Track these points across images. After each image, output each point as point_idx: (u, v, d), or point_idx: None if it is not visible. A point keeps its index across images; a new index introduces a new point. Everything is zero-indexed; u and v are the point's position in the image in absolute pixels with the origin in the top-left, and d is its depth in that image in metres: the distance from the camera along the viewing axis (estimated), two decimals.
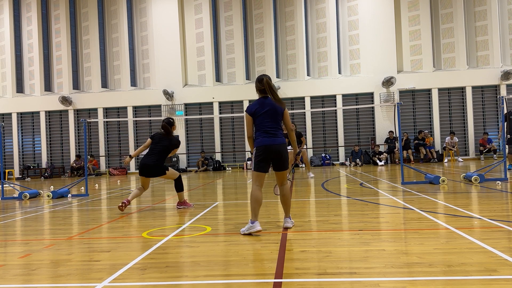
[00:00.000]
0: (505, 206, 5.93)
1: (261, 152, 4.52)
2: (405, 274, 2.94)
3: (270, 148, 4.51)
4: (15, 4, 22.85)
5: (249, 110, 4.64)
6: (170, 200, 8.33)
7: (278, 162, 4.59)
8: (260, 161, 4.53)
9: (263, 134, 4.54)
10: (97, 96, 21.88)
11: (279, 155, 4.55)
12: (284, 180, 4.69)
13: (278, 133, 4.57)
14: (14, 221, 6.47)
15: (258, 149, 4.54)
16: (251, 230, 4.43)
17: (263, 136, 4.54)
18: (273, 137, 4.53)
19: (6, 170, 20.58)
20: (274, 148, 4.52)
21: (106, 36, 22.70)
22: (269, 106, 4.58)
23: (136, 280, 3.09)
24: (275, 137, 4.54)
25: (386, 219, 5.25)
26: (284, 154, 4.57)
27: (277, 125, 4.60)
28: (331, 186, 9.79)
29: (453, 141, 18.69)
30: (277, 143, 4.54)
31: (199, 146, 21.36)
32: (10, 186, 12.41)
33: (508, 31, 20.21)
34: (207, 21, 21.38)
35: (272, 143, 4.52)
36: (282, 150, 4.56)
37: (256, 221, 4.45)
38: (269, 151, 4.52)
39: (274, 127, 4.56)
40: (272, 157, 4.54)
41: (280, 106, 4.61)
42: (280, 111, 4.61)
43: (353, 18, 20.83)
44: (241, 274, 3.12)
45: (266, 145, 4.50)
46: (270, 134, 4.54)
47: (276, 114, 4.58)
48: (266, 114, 4.55)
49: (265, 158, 4.53)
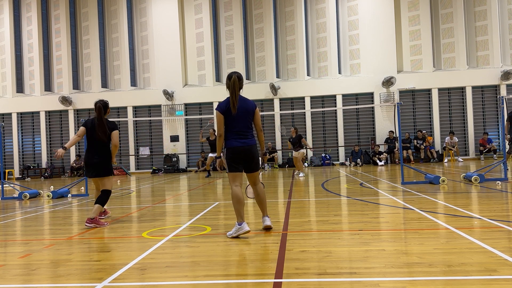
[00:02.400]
0: (505, 206, 5.93)
1: (231, 154, 4.49)
2: (405, 274, 2.94)
3: (241, 150, 4.47)
4: (15, 4, 22.84)
5: (220, 108, 4.50)
6: (170, 200, 8.32)
7: (250, 164, 4.56)
8: (232, 162, 4.50)
9: (234, 136, 4.49)
10: (97, 96, 21.82)
11: (250, 156, 4.52)
12: (256, 180, 4.67)
13: (249, 134, 4.54)
14: (14, 221, 6.47)
15: (229, 150, 4.50)
16: (239, 232, 4.34)
17: (233, 138, 4.49)
18: (243, 139, 4.49)
19: (6, 170, 20.57)
20: (245, 150, 4.48)
21: (106, 36, 22.70)
22: (240, 106, 4.49)
23: (136, 280, 3.09)
24: (246, 139, 4.50)
25: (386, 219, 5.25)
26: (255, 155, 4.55)
27: (248, 126, 4.55)
28: (331, 186, 9.79)
29: (453, 141, 18.69)
30: (247, 144, 4.50)
31: (199, 146, 21.35)
32: (10, 186, 12.41)
33: (508, 31, 20.20)
34: (207, 21, 21.38)
35: (243, 145, 4.48)
36: (253, 151, 4.53)
37: (243, 222, 4.38)
38: (239, 153, 4.48)
39: (245, 128, 4.52)
40: (243, 158, 4.50)
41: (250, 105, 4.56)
42: (251, 110, 4.56)
43: (353, 18, 20.83)
44: (241, 274, 3.12)
45: (236, 147, 4.46)
46: (240, 136, 4.49)
47: (247, 114, 4.53)
48: (237, 115, 4.47)
49: (236, 159, 4.49)
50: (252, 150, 4.52)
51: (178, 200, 7.99)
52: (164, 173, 20.14)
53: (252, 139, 4.55)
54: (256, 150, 4.58)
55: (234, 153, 4.47)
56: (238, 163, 4.50)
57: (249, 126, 4.56)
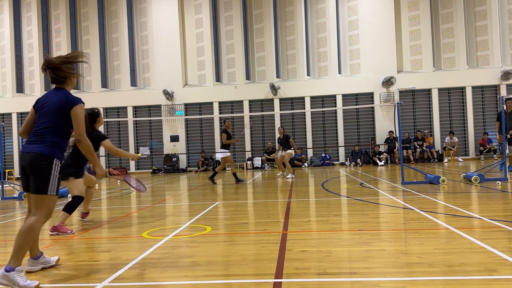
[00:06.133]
0: (505, 206, 5.93)
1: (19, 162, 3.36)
2: (405, 274, 2.94)
3: (21, 158, 3.30)
4: (15, 4, 22.85)
5: (35, 101, 3.49)
6: (170, 200, 8.32)
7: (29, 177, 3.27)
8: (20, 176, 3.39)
9: (28, 137, 3.37)
10: (97, 96, 21.86)
11: (26, 168, 3.24)
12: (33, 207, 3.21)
13: (40, 140, 3.25)
14: (14, 221, 6.47)
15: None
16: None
17: (27, 140, 3.36)
18: (29, 144, 3.28)
19: (6, 170, 20.57)
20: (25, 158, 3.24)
21: (106, 36, 22.70)
22: (49, 101, 3.36)
23: (136, 280, 3.09)
24: (32, 144, 3.26)
25: (386, 219, 5.25)
26: (32, 169, 3.19)
27: (48, 130, 3.29)
28: (331, 186, 9.79)
29: (452, 141, 18.69)
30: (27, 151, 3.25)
31: (199, 146, 21.36)
32: (10, 186, 12.41)
33: (508, 31, 20.20)
34: (207, 21, 21.38)
35: (24, 150, 3.28)
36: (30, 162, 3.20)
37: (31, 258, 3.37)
38: (20, 161, 3.31)
39: (41, 131, 3.29)
40: (24, 169, 3.28)
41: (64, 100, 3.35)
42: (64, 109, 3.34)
43: (353, 18, 20.83)
44: (241, 274, 3.12)
45: (21, 151, 3.35)
46: (31, 139, 3.31)
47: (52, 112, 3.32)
48: (41, 111, 3.35)
49: (21, 170, 3.33)
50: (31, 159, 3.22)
51: (178, 200, 7.98)
52: (164, 173, 20.14)
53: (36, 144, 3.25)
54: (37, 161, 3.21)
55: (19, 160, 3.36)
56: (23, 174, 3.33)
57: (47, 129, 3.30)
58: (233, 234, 4.65)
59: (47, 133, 3.28)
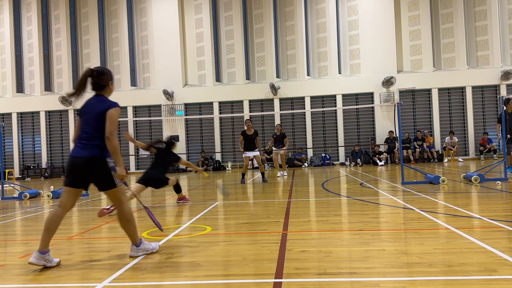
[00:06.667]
0: (505, 206, 5.93)
1: (67, 164, 3.71)
2: (405, 274, 2.94)
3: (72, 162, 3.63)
4: (15, 4, 22.85)
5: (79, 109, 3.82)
6: (170, 200, 8.32)
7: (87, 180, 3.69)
8: (66, 173, 3.72)
9: (76, 143, 3.69)
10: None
11: (82, 171, 3.61)
12: (114, 201, 3.76)
13: (90, 144, 3.59)
14: (14, 221, 6.47)
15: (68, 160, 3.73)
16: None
17: (74, 145, 3.69)
18: (80, 149, 3.61)
19: (6, 170, 20.57)
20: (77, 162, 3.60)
21: (106, 36, 22.70)
22: (89, 108, 3.70)
23: (136, 280, 3.09)
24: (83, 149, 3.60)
25: (386, 219, 5.25)
26: (92, 171, 3.60)
27: (92, 134, 3.61)
28: (331, 186, 9.79)
29: (452, 141, 18.70)
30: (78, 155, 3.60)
31: (199, 146, 21.36)
32: (10, 186, 12.41)
33: (508, 31, 20.20)
34: (207, 21, 21.38)
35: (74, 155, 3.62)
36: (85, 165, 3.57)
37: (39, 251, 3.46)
38: (70, 165, 3.65)
39: (87, 135, 3.62)
40: (73, 172, 3.63)
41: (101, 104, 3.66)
42: (101, 112, 3.62)
43: (353, 18, 20.83)
44: (241, 274, 3.12)
45: (70, 156, 3.68)
46: (80, 144, 3.64)
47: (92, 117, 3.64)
48: (85, 117, 3.68)
49: (67, 171, 3.68)
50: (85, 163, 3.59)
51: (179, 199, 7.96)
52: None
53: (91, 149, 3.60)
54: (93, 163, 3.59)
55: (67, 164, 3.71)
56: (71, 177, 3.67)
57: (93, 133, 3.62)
58: (233, 234, 4.66)
59: (91, 137, 3.61)
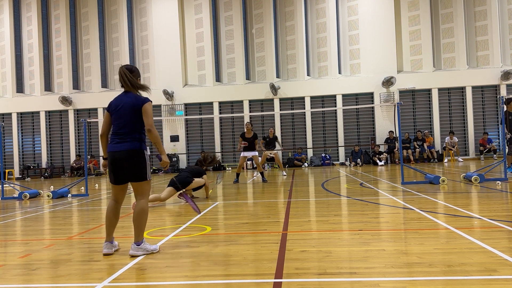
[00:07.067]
0: (505, 206, 5.93)
1: (108, 160, 3.93)
2: (405, 274, 2.94)
3: (113, 156, 3.86)
4: (15, 4, 22.84)
5: (108, 105, 4.08)
6: (170, 200, 8.32)
7: (124, 172, 3.86)
8: (110, 171, 3.94)
9: (112, 138, 3.93)
10: (97, 96, 21.86)
11: (122, 163, 3.83)
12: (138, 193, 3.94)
13: (128, 137, 3.84)
14: (14, 221, 6.47)
15: (108, 155, 3.93)
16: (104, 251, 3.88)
17: (111, 140, 3.92)
18: (119, 143, 3.85)
19: (6, 170, 20.57)
20: (117, 156, 3.84)
21: (106, 36, 22.70)
22: (123, 103, 3.95)
23: (136, 280, 3.09)
24: (122, 143, 3.84)
25: (386, 219, 5.25)
26: (131, 163, 3.82)
27: (129, 128, 3.86)
28: (331, 186, 9.79)
29: (452, 141, 18.70)
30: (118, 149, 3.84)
31: (199, 146, 21.36)
32: (10, 186, 12.41)
33: (508, 31, 20.20)
34: (207, 21, 21.38)
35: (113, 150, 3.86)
36: (127, 157, 3.82)
37: (108, 242, 3.89)
38: (112, 159, 3.88)
39: (123, 130, 3.87)
40: (117, 165, 3.86)
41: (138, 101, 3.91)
42: (136, 107, 3.88)
43: (353, 18, 20.83)
44: (241, 274, 3.12)
45: (110, 151, 3.90)
46: (118, 139, 3.88)
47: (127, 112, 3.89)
48: (118, 113, 3.92)
49: (111, 167, 3.91)
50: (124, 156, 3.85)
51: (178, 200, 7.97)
52: (164, 173, 20.12)
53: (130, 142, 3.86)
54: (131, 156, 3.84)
55: (109, 159, 3.93)
56: (113, 172, 3.91)
57: (131, 128, 3.88)
58: (233, 234, 4.65)
59: (128, 131, 3.85)
